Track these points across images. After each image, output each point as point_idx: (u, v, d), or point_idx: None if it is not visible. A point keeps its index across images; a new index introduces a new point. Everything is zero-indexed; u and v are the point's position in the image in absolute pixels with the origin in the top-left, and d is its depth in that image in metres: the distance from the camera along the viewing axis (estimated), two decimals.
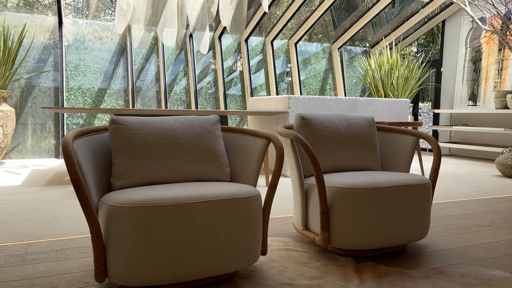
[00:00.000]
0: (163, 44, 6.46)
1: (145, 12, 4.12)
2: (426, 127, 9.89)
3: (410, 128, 4.82)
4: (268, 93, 7.71)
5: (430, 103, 10.33)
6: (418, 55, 10.51)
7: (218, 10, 4.73)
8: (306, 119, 2.40)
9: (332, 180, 2.09)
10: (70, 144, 1.56)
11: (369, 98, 4.99)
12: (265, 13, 4.87)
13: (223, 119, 4.59)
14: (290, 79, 5.28)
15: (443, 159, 6.94)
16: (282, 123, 4.76)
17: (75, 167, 1.51)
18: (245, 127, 7.58)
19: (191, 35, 6.85)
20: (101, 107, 6.56)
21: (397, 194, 2.06)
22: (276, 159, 1.90)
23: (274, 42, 7.73)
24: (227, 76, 7.51)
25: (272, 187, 1.87)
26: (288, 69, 5.28)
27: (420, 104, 9.81)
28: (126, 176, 1.88)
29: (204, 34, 4.34)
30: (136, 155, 1.90)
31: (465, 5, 5.08)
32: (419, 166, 5.78)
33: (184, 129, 2.04)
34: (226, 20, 4.63)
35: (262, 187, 4.04)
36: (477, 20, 4.92)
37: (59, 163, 5.72)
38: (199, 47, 4.43)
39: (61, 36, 6.25)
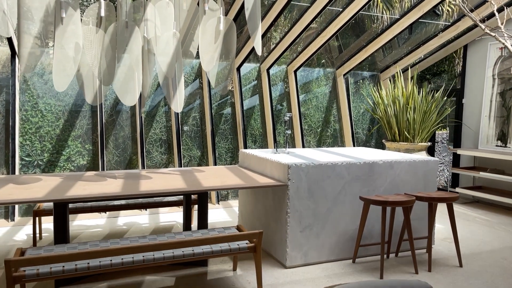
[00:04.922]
0: None
1: (98, 62, 3.08)
2: (444, 159, 8.86)
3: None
4: (263, 122, 6.66)
5: (446, 131, 9.30)
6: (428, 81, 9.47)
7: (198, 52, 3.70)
8: None
9: None
10: None
11: (389, 160, 3.95)
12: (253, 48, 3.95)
13: (203, 196, 3.53)
14: (289, 132, 4.25)
15: (468, 211, 5.91)
16: (280, 197, 3.71)
17: None
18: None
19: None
20: (64, 153, 5.50)
21: None
22: None
23: (271, 69, 6.69)
24: (217, 102, 6.47)
25: None
26: (287, 118, 4.25)
27: (436, 132, 8.76)
28: None
29: (178, 89, 3.30)
30: None
31: (504, 39, 4.05)
32: (450, 230, 4.75)
33: None
34: (206, 64, 3.59)
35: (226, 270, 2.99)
36: None
37: (4, 233, 4.68)
38: (170, 103, 3.39)
39: (14, 70, 5.19)
